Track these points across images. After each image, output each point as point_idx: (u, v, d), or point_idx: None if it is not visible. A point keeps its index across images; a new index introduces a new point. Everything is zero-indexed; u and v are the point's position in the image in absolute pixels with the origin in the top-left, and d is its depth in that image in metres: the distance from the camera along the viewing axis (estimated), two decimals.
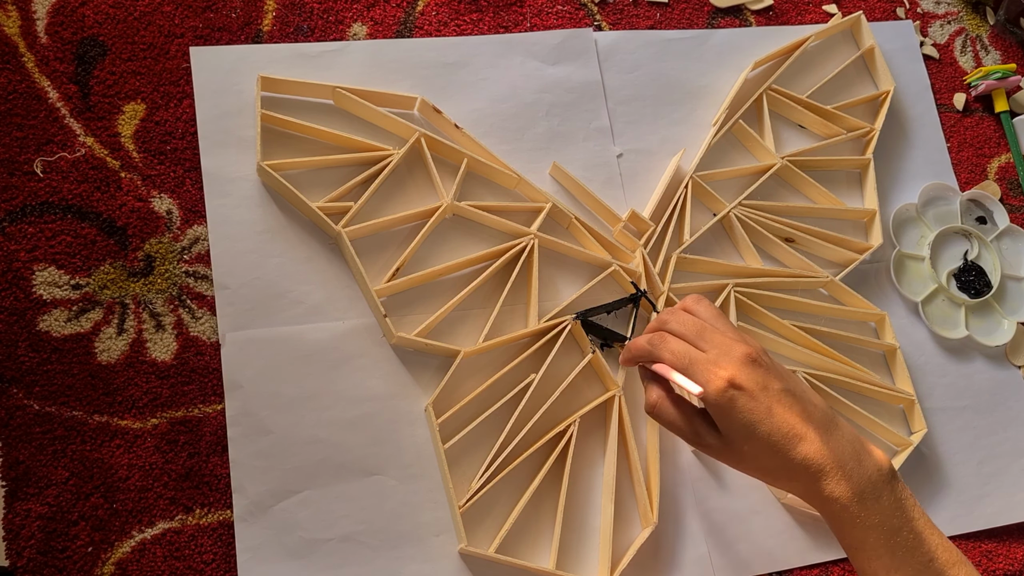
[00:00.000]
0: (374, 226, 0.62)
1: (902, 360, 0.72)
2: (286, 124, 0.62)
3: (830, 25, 0.80)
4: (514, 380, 0.61)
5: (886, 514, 0.49)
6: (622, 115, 0.72)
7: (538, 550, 0.60)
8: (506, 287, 0.63)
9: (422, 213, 0.63)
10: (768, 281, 0.70)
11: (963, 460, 0.72)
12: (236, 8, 0.66)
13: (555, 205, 0.66)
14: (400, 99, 0.65)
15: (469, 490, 0.58)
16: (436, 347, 0.61)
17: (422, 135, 0.64)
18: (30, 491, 0.54)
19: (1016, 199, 0.82)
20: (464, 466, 0.59)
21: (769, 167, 0.73)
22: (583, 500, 0.62)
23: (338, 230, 0.60)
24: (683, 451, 0.65)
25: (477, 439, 0.60)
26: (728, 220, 0.71)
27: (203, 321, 0.59)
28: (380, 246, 0.63)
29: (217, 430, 0.57)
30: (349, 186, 0.62)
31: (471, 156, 0.65)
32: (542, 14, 0.73)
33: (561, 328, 0.63)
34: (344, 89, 0.63)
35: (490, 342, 0.61)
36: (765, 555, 0.64)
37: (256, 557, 0.55)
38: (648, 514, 0.61)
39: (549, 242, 0.66)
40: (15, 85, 0.59)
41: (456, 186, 0.64)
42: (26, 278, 0.57)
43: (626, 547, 0.61)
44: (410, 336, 0.60)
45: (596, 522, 0.62)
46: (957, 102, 0.83)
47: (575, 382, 0.63)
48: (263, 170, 0.60)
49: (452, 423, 0.59)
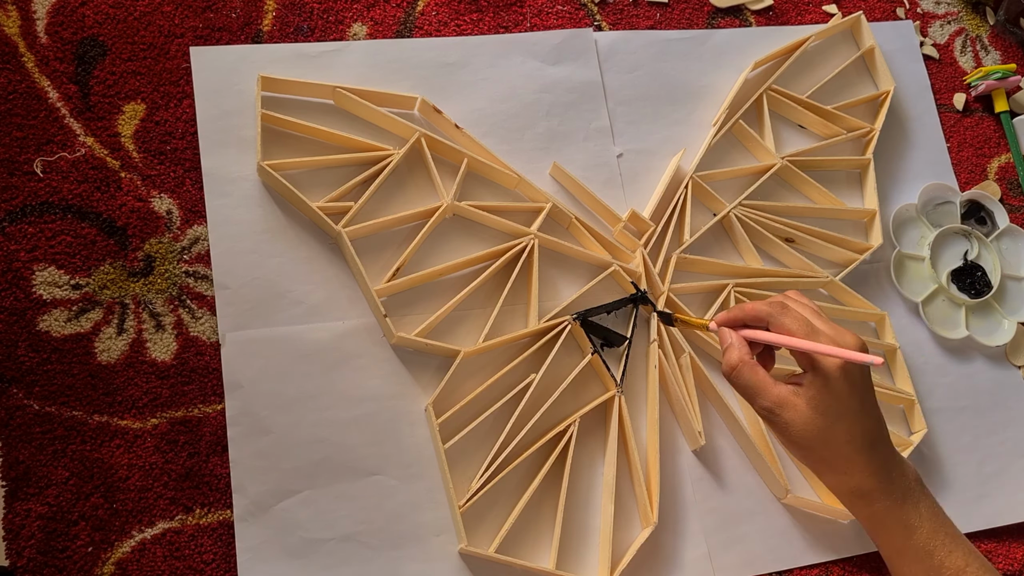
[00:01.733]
0: (374, 226, 0.62)
1: (902, 360, 0.72)
2: (286, 124, 0.62)
3: (830, 25, 0.80)
4: (514, 380, 0.61)
5: (925, 517, 0.52)
6: (622, 115, 0.72)
7: (538, 550, 0.60)
8: (506, 287, 0.63)
9: (422, 213, 0.63)
10: (768, 281, 0.70)
11: (963, 460, 0.72)
12: (236, 8, 0.66)
13: (555, 205, 0.66)
14: (400, 99, 0.65)
15: (469, 490, 0.58)
16: (436, 347, 0.61)
17: (422, 135, 0.64)
18: (30, 491, 0.54)
19: (1016, 199, 0.82)
20: (464, 466, 0.59)
21: (769, 167, 0.73)
22: (583, 500, 0.62)
23: (338, 230, 0.60)
24: (683, 451, 0.65)
25: (477, 439, 0.60)
26: (728, 220, 0.71)
27: (203, 321, 0.59)
28: (380, 246, 0.63)
29: (217, 430, 0.57)
30: (349, 186, 0.62)
31: (471, 156, 0.65)
32: (542, 14, 0.73)
33: (561, 328, 0.63)
34: (344, 89, 0.63)
35: (490, 342, 0.61)
36: (765, 555, 0.64)
37: (256, 557, 0.55)
38: (648, 514, 0.61)
39: (549, 242, 0.66)
40: (15, 85, 0.59)
41: (456, 186, 0.64)
42: (26, 278, 0.57)
43: (626, 547, 0.61)
44: (410, 336, 0.60)
45: (596, 522, 0.61)
46: (957, 102, 0.83)
47: (575, 382, 0.63)
48: (263, 170, 0.60)
49: (452, 423, 0.59)
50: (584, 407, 0.62)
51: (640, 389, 0.66)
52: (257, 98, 0.62)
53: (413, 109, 0.66)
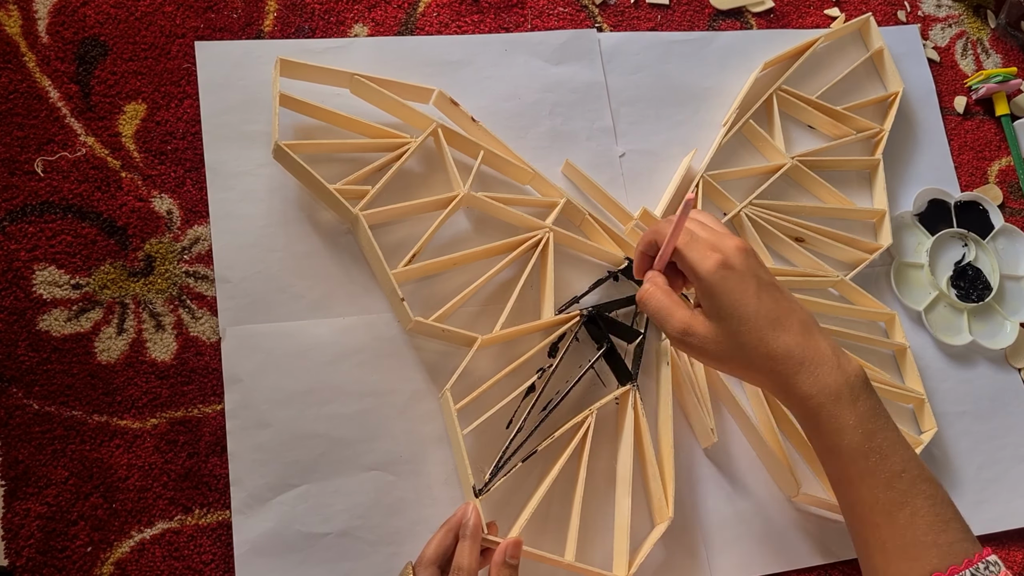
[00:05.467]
0: (391, 212, 0.61)
1: (912, 359, 0.72)
2: (303, 107, 0.61)
3: (840, 27, 0.80)
4: (529, 369, 0.61)
5: (862, 417, 0.49)
6: (625, 116, 0.72)
7: (549, 541, 0.59)
8: (522, 278, 0.63)
9: (438, 202, 0.62)
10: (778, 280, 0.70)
11: (962, 465, 0.72)
12: (237, 8, 0.65)
13: (569, 201, 0.66)
14: (417, 90, 0.65)
15: (484, 478, 0.58)
16: (454, 333, 0.60)
17: (439, 126, 0.64)
18: (30, 491, 0.53)
19: (1016, 202, 0.82)
20: (474, 455, 0.59)
21: (779, 167, 0.73)
22: (598, 493, 0.62)
23: (356, 213, 0.59)
24: (685, 451, 0.65)
25: (488, 427, 0.59)
26: (739, 219, 0.71)
27: (203, 321, 0.59)
28: (392, 236, 0.62)
29: (216, 430, 0.57)
30: (366, 171, 0.61)
31: (487, 149, 0.65)
32: (543, 15, 0.73)
33: (576, 320, 0.63)
34: (363, 77, 0.63)
35: (507, 331, 0.61)
36: (765, 556, 0.64)
37: (253, 550, 0.55)
38: (663, 509, 0.61)
39: (563, 236, 0.66)
40: (16, 85, 0.59)
41: (472, 177, 0.64)
42: (26, 278, 0.57)
43: (638, 542, 0.61)
44: (428, 321, 0.59)
45: (608, 516, 0.61)
46: (958, 105, 0.83)
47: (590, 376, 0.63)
48: (279, 150, 0.58)
49: (464, 412, 0.59)
50: (598, 401, 0.62)
51: (653, 384, 0.66)
52: (275, 80, 0.60)
53: (429, 101, 0.66)
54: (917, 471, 0.49)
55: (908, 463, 0.49)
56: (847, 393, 0.49)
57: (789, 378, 0.50)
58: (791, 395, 0.51)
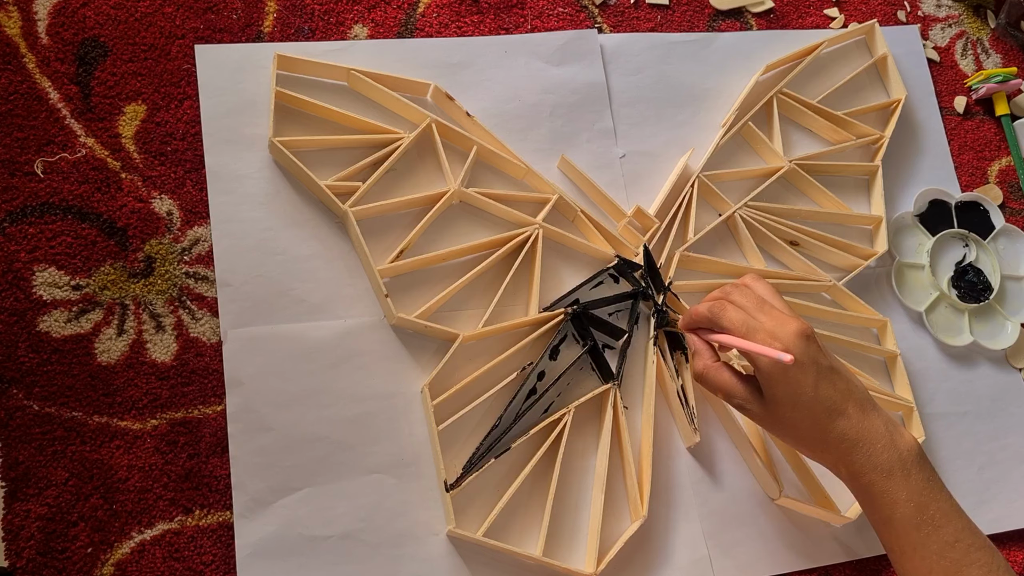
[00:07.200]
0: (381, 207, 0.61)
1: (902, 367, 0.72)
2: (299, 103, 0.62)
3: (844, 32, 0.80)
4: (511, 367, 0.61)
5: (914, 490, 0.51)
6: (626, 117, 0.72)
7: (526, 537, 0.59)
8: (508, 275, 0.63)
9: (429, 198, 0.63)
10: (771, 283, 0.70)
11: (964, 466, 0.72)
12: (237, 9, 0.66)
13: (562, 197, 0.66)
14: (413, 85, 0.65)
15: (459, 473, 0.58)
16: (435, 330, 0.60)
17: (433, 121, 0.64)
18: (30, 492, 0.53)
19: (1017, 202, 0.82)
20: (456, 451, 0.59)
21: (776, 170, 0.73)
22: (574, 491, 0.62)
23: (345, 209, 0.60)
24: (683, 453, 0.65)
25: (471, 425, 0.60)
26: (733, 221, 0.71)
27: (203, 322, 0.59)
28: (385, 230, 0.63)
29: (217, 431, 0.57)
30: (358, 167, 0.62)
31: (481, 144, 0.65)
32: (543, 16, 0.73)
33: (560, 318, 0.63)
34: (359, 72, 0.63)
35: (489, 328, 0.61)
36: (766, 558, 0.64)
37: (256, 554, 0.55)
38: (638, 508, 0.61)
39: (553, 233, 0.66)
40: (16, 86, 0.59)
41: (464, 173, 0.64)
42: (26, 279, 0.57)
43: (615, 540, 0.61)
44: (410, 317, 0.59)
45: (586, 513, 0.61)
46: (958, 105, 0.83)
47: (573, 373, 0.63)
48: (274, 146, 0.60)
49: (447, 408, 0.59)
50: (579, 398, 0.62)
51: (637, 385, 0.66)
52: (272, 75, 0.61)
53: (426, 95, 0.66)
54: (971, 539, 0.50)
55: (962, 532, 0.50)
56: (899, 469, 0.51)
57: (842, 458, 0.52)
58: (844, 472, 0.53)
